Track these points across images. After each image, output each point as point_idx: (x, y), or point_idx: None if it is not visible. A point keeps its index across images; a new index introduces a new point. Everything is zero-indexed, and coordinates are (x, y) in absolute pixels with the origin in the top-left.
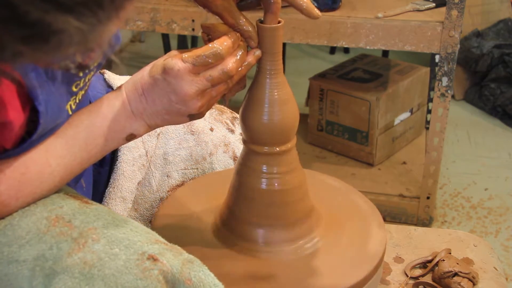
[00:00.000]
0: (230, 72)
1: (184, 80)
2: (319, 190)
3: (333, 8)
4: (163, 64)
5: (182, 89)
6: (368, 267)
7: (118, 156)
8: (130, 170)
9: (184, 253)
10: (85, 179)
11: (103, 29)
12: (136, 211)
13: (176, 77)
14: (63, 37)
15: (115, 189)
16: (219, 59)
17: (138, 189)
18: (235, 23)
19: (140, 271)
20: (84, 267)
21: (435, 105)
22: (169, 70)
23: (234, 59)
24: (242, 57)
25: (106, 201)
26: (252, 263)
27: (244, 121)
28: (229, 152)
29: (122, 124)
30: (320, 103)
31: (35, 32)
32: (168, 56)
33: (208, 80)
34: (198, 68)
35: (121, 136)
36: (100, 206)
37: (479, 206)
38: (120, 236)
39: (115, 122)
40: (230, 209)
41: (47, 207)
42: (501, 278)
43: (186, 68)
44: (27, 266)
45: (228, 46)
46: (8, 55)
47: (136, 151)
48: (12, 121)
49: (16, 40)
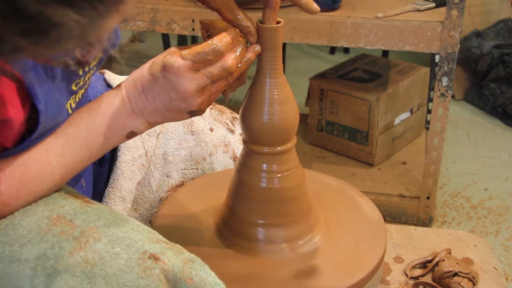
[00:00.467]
0: (230, 69)
1: (184, 77)
2: (319, 189)
3: (333, 8)
4: (163, 62)
5: (182, 87)
6: (367, 267)
7: (118, 156)
8: (129, 170)
9: (185, 252)
10: (85, 179)
11: (103, 23)
12: (136, 211)
13: (176, 75)
14: (62, 31)
15: (115, 189)
16: (219, 55)
17: (137, 189)
18: (234, 18)
19: (141, 270)
20: (86, 266)
21: (435, 105)
22: (168, 67)
23: (234, 55)
24: (242, 53)
25: (105, 201)
26: (251, 263)
27: (244, 121)
28: (229, 152)
29: (122, 122)
30: (320, 103)
31: (34, 25)
32: (167, 53)
33: (208, 77)
34: (198, 65)
35: (122, 134)
36: (101, 206)
37: (479, 206)
38: (121, 235)
39: (115, 120)
40: (230, 208)
41: (48, 206)
42: (501, 278)
43: (185, 65)
44: (28, 265)
45: (228, 42)
46: (8, 50)
47: (136, 151)
48: (12, 119)
49: (15, 34)
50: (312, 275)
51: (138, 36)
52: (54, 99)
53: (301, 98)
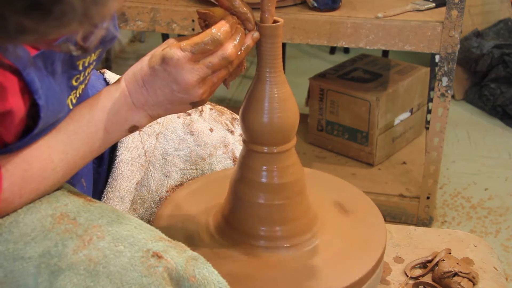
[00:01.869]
0: (230, 57)
1: (185, 69)
2: (319, 189)
3: (333, 8)
4: (162, 54)
5: (183, 78)
6: (367, 267)
7: (117, 156)
8: (128, 170)
9: (188, 250)
10: (86, 178)
11: (106, 2)
12: (135, 211)
13: (176, 67)
14: (65, 7)
15: (114, 189)
16: (218, 45)
17: (136, 189)
18: (231, 5)
19: (145, 268)
20: (89, 264)
21: (435, 105)
22: (168, 60)
23: (233, 43)
24: (241, 40)
25: (104, 200)
26: (251, 262)
27: (244, 121)
28: (229, 153)
29: (123, 116)
30: (320, 103)
31: (36, 1)
32: (166, 44)
33: (209, 67)
34: (197, 56)
35: (123, 128)
36: (103, 204)
37: (479, 206)
38: (124, 234)
39: (117, 115)
40: (230, 208)
41: (51, 204)
42: (501, 278)
43: (185, 57)
44: (32, 263)
45: (226, 31)
46: (12, 30)
47: (135, 151)
48: (13, 110)
49: (18, 12)
50: (312, 275)
51: (138, 36)
52: (54, 94)
53: (301, 98)
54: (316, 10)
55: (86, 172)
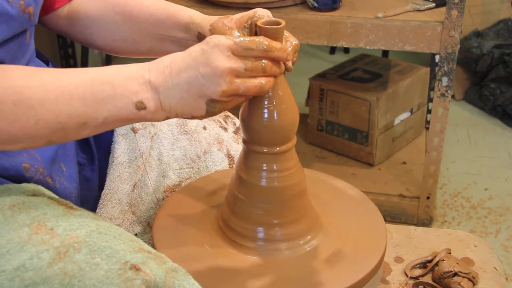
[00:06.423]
0: (267, 67)
1: (221, 52)
2: (319, 189)
3: (333, 8)
4: (206, 38)
5: (216, 60)
6: (367, 267)
7: (114, 158)
8: (125, 172)
9: (168, 261)
10: (67, 164)
11: None
12: (134, 213)
13: (214, 47)
14: None
15: (111, 191)
16: (262, 51)
17: (134, 191)
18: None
19: (122, 281)
20: (64, 277)
21: (435, 105)
22: (209, 40)
23: (272, 63)
24: (276, 69)
25: (102, 203)
26: (251, 262)
27: (244, 121)
28: (223, 149)
29: (135, 87)
30: (320, 103)
31: None
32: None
33: (244, 63)
34: (239, 50)
35: (131, 100)
36: (84, 212)
37: (479, 206)
38: (102, 245)
39: (129, 81)
40: (230, 208)
41: (30, 214)
42: (501, 278)
43: (227, 43)
44: (6, 276)
45: (274, 47)
46: None
47: (131, 153)
48: None
49: None
50: (312, 275)
51: None
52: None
53: (301, 98)
54: (316, 10)
55: (67, 157)
